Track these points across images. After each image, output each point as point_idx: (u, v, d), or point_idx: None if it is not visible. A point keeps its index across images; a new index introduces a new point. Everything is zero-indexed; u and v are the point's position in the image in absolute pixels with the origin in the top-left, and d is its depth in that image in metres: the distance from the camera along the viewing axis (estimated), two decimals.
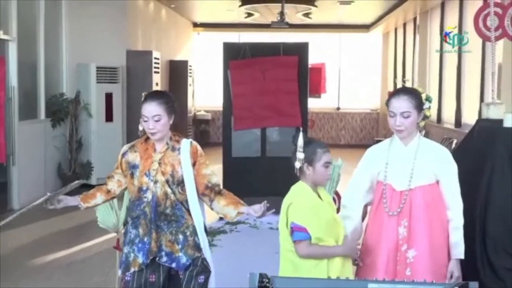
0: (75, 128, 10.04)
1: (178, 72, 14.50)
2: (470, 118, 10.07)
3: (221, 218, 8.03)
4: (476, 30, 4.69)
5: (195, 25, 17.79)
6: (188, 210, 3.55)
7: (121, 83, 10.58)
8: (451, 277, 3.30)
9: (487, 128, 4.24)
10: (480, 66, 9.42)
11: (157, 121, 3.48)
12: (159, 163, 3.53)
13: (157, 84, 11.36)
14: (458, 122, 10.56)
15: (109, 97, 10.42)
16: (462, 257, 3.31)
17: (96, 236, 6.81)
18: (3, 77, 5.13)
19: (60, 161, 9.90)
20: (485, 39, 4.92)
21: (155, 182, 3.51)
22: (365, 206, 3.54)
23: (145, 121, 3.51)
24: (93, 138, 10.27)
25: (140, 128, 3.59)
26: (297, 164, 3.35)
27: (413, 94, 3.37)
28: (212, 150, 12.39)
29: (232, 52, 8.38)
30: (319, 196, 3.38)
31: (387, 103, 3.40)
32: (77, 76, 10.36)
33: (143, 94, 3.62)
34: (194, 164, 3.58)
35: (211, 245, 6.78)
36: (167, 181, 3.51)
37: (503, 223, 3.81)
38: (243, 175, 8.28)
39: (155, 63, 11.30)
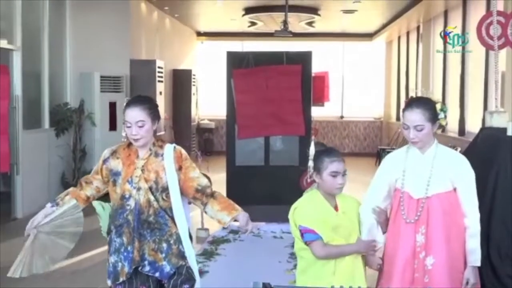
0: (79, 137, 10.06)
1: (181, 81, 14.54)
2: (473, 126, 10.06)
3: (224, 227, 8.05)
4: (479, 38, 4.70)
5: (199, 34, 17.85)
6: (172, 218, 3.45)
7: (124, 92, 10.60)
8: (467, 283, 3.30)
9: (491, 136, 4.24)
10: (483, 75, 9.43)
11: (140, 126, 3.39)
12: (142, 170, 3.44)
13: (160, 93, 11.39)
14: (461, 131, 10.56)
15: (112, 106, 10.44)
16: (479, 264, 3.30)
17: (100, 245, 6.78)
18: (7, 87, 5.15)
19: (64, 170, 9.92)
20: (488, 47, 4.93)
21: (138, 189, 3.42)
22: (386, 214, 3.51)
23: (128, 127, 3.41)
24: (97, 147, 10.27)
25: (123, 134, 3.51)
26: (309, 172, 3.43)
27: (426, 105, 3.34)
28: (215, 158, 12.42)
29: (236, 61, 8.40)
30: (335, 205, 3.42)
31: (402, 115, 3.39)
32: (81, 85, 10.40)
33: (125, 99, 3.53)
34: (180, 169, 3.48)
35: (215, 254, 6.86)
36: (150, 188, 3.42)
37: (506, 229, 3.81)
38: (246, 184, 8.29)
39: (159, 72, 11.34)
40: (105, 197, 3.64)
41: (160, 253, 3.45)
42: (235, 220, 3.51)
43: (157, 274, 3.44)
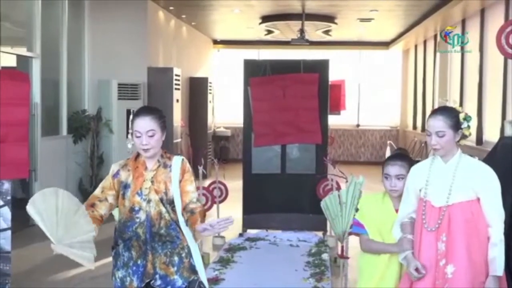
0: (96, 144, 10.13)
1: (198, 88, 14.58)
2: (491, 135, 10.00)
3: (240, 235, 8.06)
4: (498, 47, 4.68)
5: (215, 42, 17.92)
6: (181, 230, 3.39)
7: (142, 99, 10.66)
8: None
9: (511, 146, 4.21)
10: (502, 84, 9.38)
11: (151, 136, 3.36)
12: (152, 181, 3.39)
13: (177, 100, 11.44)
14: (479, 140, 10.50)
15: (130, 113, 10.46)
16: (498, 274, 3.27)
17: None
18: (27, 94, 5.21)
19: (81, 177, 9.98)
20: (507, 56, 4.91)
21: (148, 201, 3.37)
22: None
23: (137, 137, 3.38)
24: (114, 154, 10.32)
25: (129, 145, 3.48)
26: None
27: (450, 113, 3.38)
28: (231, 166, 12.42)
29: (253, 69, 8.42)
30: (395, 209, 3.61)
31: (426, 123, 3.47)
32: (99, 93, 10.47)
33: (131, 110, 3.51)
34: (180, 181, 3.42)
35: (231, 261, 6.87)
36: (161, 200, 3.37)
37: None
38: (263, 192, 8.29)
39: (176, 79, 11.39)
40: None
41: (172, 266, 3.39)
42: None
43: None
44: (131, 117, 3.46)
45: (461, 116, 3.40)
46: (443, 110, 3.43)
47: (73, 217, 3.09)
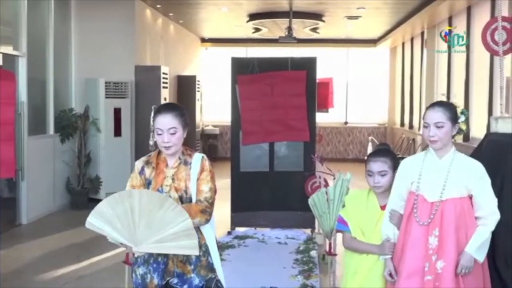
0: (84, 143, 10.08)
1: (186, 87, 14.56)
2: (478, 132, 10.04)
3: (229, 233, 8.06)
4: (484, 44, 4.69)
5: (203, 40, 17.90)
6: (200, 228, 3.38)
7: (129, 98, 10.63)
8: (461, 267, 3.29)
9: (496, 142, 4.23)
10: (488, 81, 9.42)
11: (172, 134, 3.35)
12: (173, 179, 3.39)
13: (165, 99, 11.40)
14: (466, 137, 10.54)
15: (117, 112, 10.46)
16: (471, 253, 3.29)
17: (105, 250, 6.83)
18: (13, 93, 5.19)
19: (69, 176, 9.94)
20: (493, 53, 4.93)
21: None
22: (401, 217, 3.54)
23: (159, 134, 3.37)
24: (101, 153, 10.29)
25: (151, 142, 3.46)
26: None
27: (448, 106, 3.44)
28: (220, 164, 12.44)
29: (241, 67, 8.40)
30: (385, 204, 3.61)
31: (423, 116, 3.49)
32: (86, 91, 10.42)
33: (153, 107, 3.48)
34: (197, 179, 3.41)
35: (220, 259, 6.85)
36: (180, 198, 3.35)
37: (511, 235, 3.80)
38: (251, 190, 8.28)
39: (164, 78, 11.36)
40: None
41: (189, 264, 3.37)
42: None
43: (185, 287, 3.37)
44: (152, 114, 3.43)
45: (458, 110, 3.44)
46: (442, 103, 3.49)
47: (157, 213, 3.08)
